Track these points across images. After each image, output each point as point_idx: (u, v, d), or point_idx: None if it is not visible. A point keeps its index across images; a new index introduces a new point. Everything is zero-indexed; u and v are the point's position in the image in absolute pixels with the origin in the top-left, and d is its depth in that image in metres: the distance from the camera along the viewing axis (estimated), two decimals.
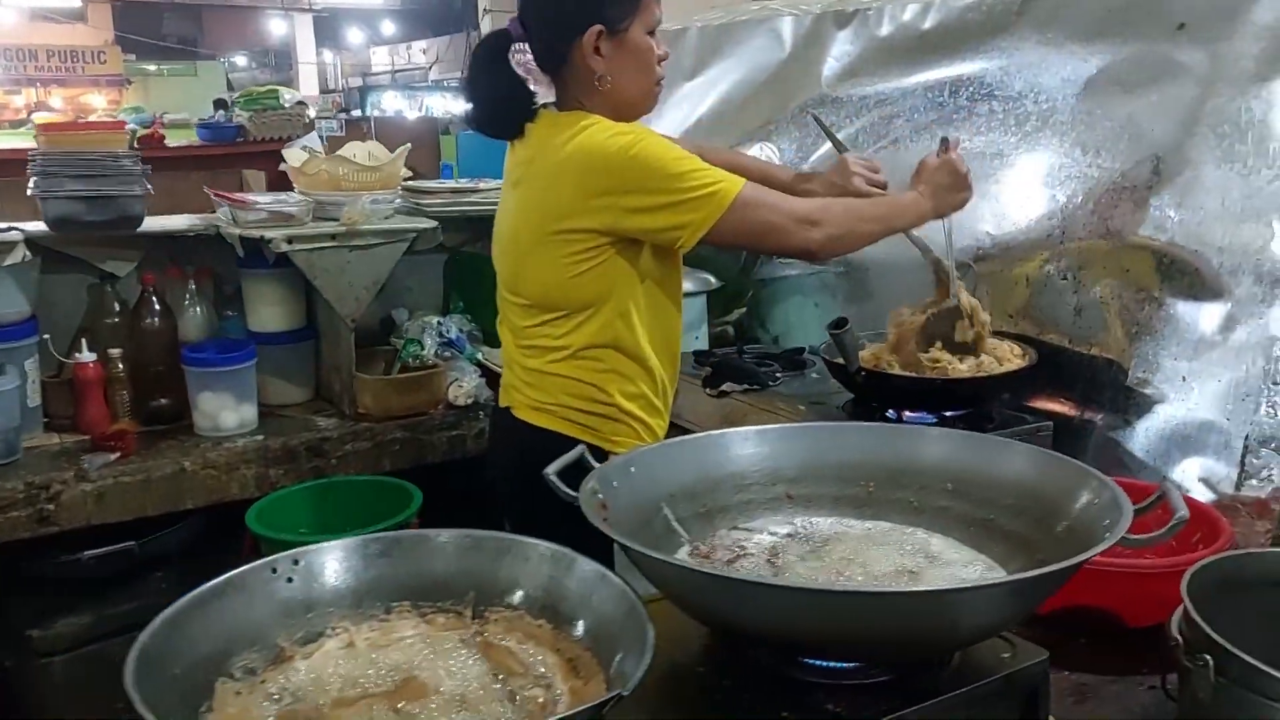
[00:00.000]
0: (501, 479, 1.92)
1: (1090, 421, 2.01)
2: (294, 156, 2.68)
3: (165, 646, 0.99)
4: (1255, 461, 1.77)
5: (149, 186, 2.53)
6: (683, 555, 1.33)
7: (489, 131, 1.81)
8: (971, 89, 2.23)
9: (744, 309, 2.92)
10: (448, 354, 2.79)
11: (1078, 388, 2.02)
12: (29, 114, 12.34)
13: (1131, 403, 1.93)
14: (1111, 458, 1.97)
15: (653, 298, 1.81)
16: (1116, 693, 1.37)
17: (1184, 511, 1.09)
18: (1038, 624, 1.52)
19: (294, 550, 1.15)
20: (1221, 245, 1.81)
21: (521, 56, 1.75)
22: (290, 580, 1.13)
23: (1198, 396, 1.84)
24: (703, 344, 2.71)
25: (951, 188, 1.91)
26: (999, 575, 1.22)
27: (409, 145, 2.77)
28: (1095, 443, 2.00)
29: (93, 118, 8.50)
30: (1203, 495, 1.83)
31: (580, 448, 1.34)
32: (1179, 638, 1.17)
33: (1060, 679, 1.40)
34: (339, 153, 2.68)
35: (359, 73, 25.60)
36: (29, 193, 2.46)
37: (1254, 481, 1.77)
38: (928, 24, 2.33)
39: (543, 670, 1.07)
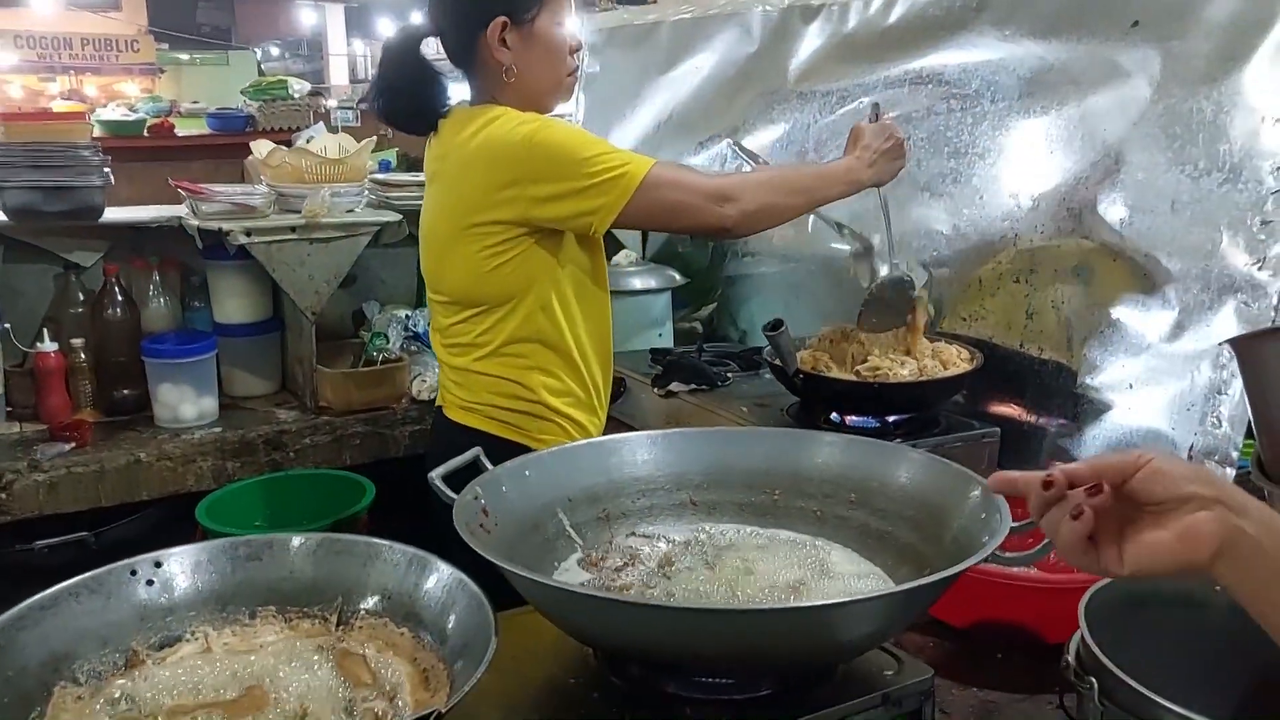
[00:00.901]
0: None
1: (1040, 428, 1.95)
2: (260, 148, 2.67)
3: (2, 649, 0.98)
4: None
5: (110, 178, 2.53)
6: (572, 563, 1.31)
7: (400, 126, 1.79)
8: (930, 86, 2.17)
9: (714, 305, 2.88)
10: (414, 348, 2.78)
11: (1027, 393, 1.97)
12: (62, 101, 12.46)
13: (1080, 409, 1.88)
14: None
15: (580, 286, 1.78)
16: (1023, 711, 1.33)
17: None
18: (958, 638, 1.49)
19: (158, 552, 1.14)
20: (1171, 250, 1.75)
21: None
22: (150, 583, 1.12)
23: (1144, 405, 1.79)
24: (667, 341, 2.67)
25: (890, 153, 1.85)
26: (865, 591, 1.18)
27: (374, 139, 2.75)
28: (1045, 450, 1.94)
29: (114, 103, 8.54)
30: None
31: (475, 450, 1.32)
32: (1069, 659, 1.14)
33: (968, 696, 1.36)
34: (304, 145, 2.66)
35: None
36: None
37: None
38: (891, 19, 2.27)
39: (395, 681, 1.05)
